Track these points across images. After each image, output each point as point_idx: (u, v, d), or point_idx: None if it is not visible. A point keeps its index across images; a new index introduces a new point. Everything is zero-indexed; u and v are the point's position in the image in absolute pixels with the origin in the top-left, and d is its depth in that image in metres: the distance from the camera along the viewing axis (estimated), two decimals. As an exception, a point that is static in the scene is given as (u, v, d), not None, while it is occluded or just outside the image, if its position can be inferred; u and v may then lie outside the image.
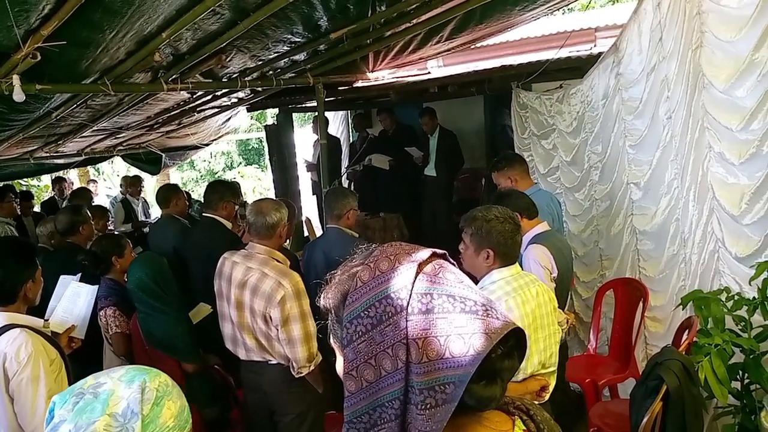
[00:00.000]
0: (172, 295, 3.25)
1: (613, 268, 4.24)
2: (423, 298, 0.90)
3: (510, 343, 0.92)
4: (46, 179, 11.53)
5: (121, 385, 1.10)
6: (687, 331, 2.91)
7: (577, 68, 4.62)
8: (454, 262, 1.00)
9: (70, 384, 2.41)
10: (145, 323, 3.19)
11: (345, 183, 8.44)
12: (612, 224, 4.19)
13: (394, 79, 6.63)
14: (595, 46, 6.24)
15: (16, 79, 3.32)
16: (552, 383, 2.27)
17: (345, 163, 8.57)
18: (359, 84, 6.53)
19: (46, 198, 9.28)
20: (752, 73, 2.82)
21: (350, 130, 9.33)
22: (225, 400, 3.42)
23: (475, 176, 7.81)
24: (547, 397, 2.24)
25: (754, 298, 2.89)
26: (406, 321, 0.89)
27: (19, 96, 3.39)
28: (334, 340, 1.01)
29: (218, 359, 3.46)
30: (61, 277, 3.48)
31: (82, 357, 3.34)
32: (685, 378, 2.38)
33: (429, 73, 7.13)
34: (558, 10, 6.10)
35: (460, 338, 0.87)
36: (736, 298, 2.95)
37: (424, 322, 0.89)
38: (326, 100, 6.04)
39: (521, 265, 2.52)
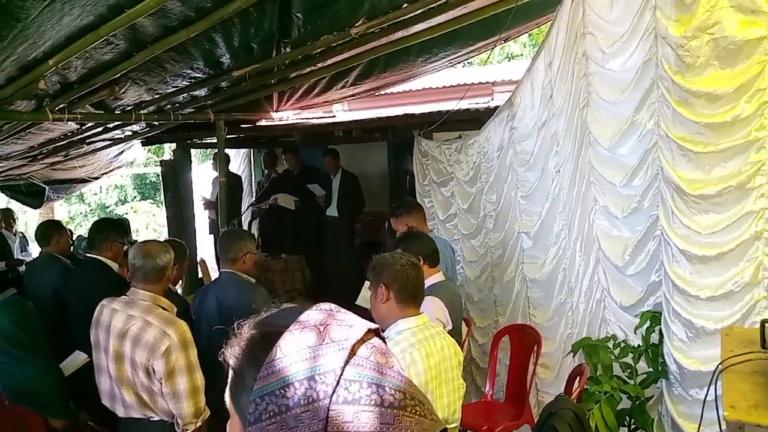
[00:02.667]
0: (40, 343, 2.97)
1: (506, 314, 4.35)
2: (351, 385, 0.80)
3: None
4: None
5: None
6: (578, 378, 3.00)
7: (475, 120, 4.80)
8: (384, 338, 0.92)
9: None
10: (7, 375, 2.87)
11: (246, 222, 8.23)
12: (505, 271, 4.32)
13: (299, 120, 6.61)
14: (492, 99, 6.55)
15: None
16: (454, 439, 2.24)
17: (246, 201, 8.38)
18: (262, 123, 6.44)
19: None
20: (633, 133, 3.02)
21: (252, 168, 9.17)
22: (100, 460, 3.11)
23: (378, 219, 7.85)
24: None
25: (639, 345, 3.04)
26: (328, 411, 0.79)
27: None
28: (231, 401, 0.89)
29: (90, 416, 3.15)
30: None
31: None
32: (577, 427, 2.42)
33: (334, 116, 7.18)
34: (458, 63, 6.35)
35: None
36: (622, 345, 3.09)
37: (347, 414, 0.79)
38: (227, 137, 5.90)
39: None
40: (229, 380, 0.90)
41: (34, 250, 7.66)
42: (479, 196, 4.55)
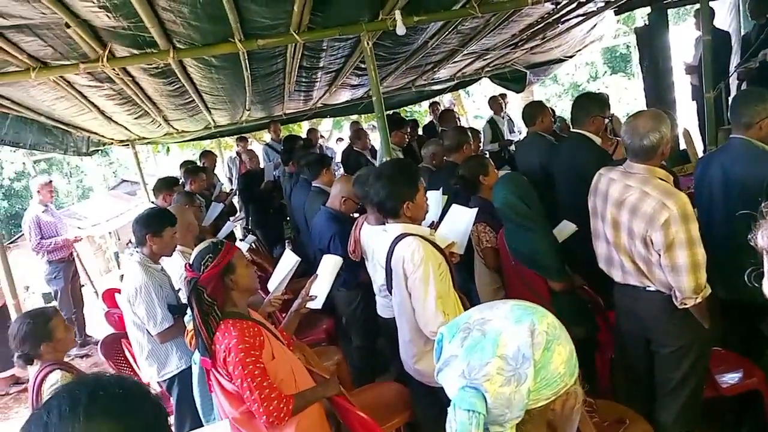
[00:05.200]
0: (537, 213, 3.25)
1: None
2: None
3: None
4: (425, 104, 12.82)
5: (509, 325, 1.03)
6: None
7: None
8: None
9: (453, 285, 2.67)
10: (512, 239, 3.27)
11: (733, 85, 7.18)
12: None
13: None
14: None
15: (398, 15, 3.68)
16: None
17: (734, 61, 7.24)
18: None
19: (426, 122, 10.29)
20: None
21: (740, 21, 7.80)
22: (592, 320, 3.34)
23: None
24: None
25: None
26: None
27: (401, 29, 3.75)
28: None
29: (583, 280, 3.37)
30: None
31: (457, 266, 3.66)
32: None
33: None
34: None
35: None
36: None
37: None
38: (713, -14, 5.12)
39: None
40: (766, 265, 0.81)
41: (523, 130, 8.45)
42: None
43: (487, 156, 5.66)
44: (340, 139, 14.70)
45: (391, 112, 8.85)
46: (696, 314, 2.51)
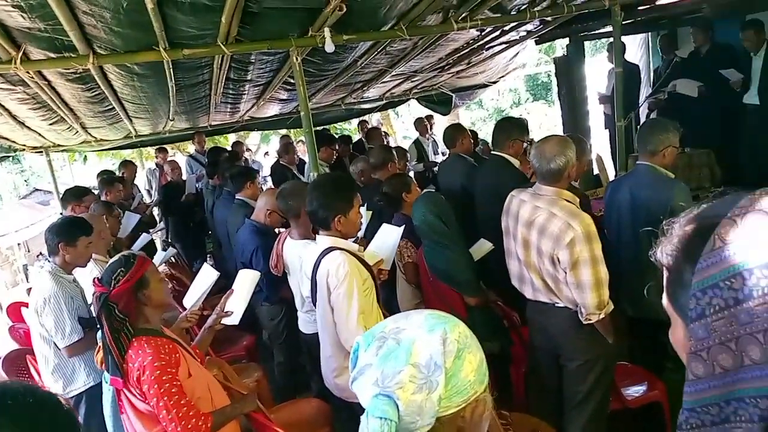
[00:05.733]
0: (454, 231, 3.36)
1: None
2: None
3: None
4: (355, 122, 12.91)
5: (423, 334, 1.06)
6: None
7: None
8: None
9: (378, 301, 2.70)
10: (430, 256, 3.38)
11: (643, 115, 7.68)
12: None
13: (710, -10, 5.66)
14: None
15: (327, 32, 3.71)
16: None
17: (644, 92, 7.74)
18: (664, 1, 5.74)
19: (355, 140, 10.37)
20: None
21: (650, 55, 8.37)
22: (506, 335, 3.46)
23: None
24: None
25: None
26: None
27: (329, 47, 3.77)
28: (669, 302, 0.85)
29: (499, 297, 3.50)
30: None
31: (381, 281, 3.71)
32: None
33: (758, -24, 5.90)
34: None
35: None
36: None
37: None
38: (623, 23, 5.46)
39: None
40: (665, 281, 0.86)
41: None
42: None
43: (411, 174, 5.78)
44: (267, 153, 14.55)
45: (320, 128, 8.85)
46: (600, 329, 2.64)
